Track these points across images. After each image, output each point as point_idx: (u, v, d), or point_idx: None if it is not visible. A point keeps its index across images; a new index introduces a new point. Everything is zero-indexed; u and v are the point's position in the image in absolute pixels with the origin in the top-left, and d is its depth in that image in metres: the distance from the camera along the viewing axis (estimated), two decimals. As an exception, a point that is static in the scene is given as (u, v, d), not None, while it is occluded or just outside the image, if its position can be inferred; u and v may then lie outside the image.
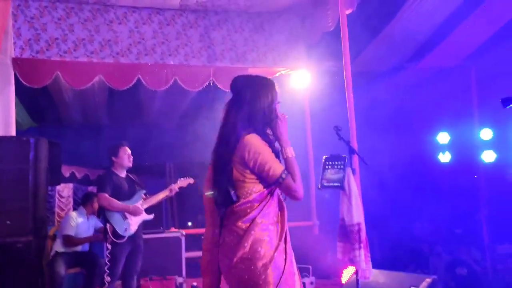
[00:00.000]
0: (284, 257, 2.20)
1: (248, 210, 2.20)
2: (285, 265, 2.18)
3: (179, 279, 5.49)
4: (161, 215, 5.88)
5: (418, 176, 8.10)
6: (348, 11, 5.70)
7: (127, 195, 4.43)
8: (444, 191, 8.20)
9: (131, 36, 6.10)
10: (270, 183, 2.20)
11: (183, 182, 4.82)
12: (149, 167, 9.23)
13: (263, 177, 2.20)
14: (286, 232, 2.27)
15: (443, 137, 7.83)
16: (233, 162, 2.22)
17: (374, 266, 4.30)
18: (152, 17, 6.20)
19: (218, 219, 2.29)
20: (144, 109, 8.70)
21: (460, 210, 8.82)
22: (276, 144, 2.30)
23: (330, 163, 4.24)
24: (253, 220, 2.18)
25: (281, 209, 2.29)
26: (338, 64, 5.76)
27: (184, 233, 5.94)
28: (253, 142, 2.20)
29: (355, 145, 5.07)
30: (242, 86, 2.32)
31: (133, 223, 4.37)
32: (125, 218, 4.33)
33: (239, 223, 2.19)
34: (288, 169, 2.24)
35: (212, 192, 2.28)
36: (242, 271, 2.14)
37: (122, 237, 4.26)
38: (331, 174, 4.21)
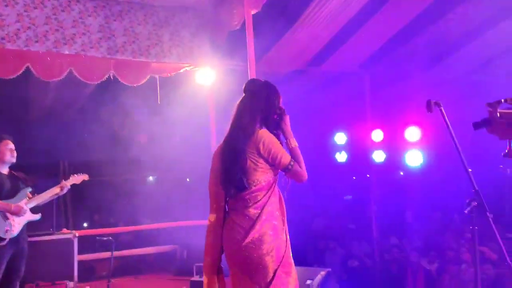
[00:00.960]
0: (285, 239, 2.59)
1: (259, 197, 2.54)
2: (286, 246, 2.57)
3: (70, 284, 5.14)
4: (52, 215, 5.46)
5: (318, 174, 8.48)
6: (253, 11, 5.75)
7: (9, 193, 4.05)
8: (340, 189, 8.66)
9: (20, 20, 5.58)
10: (281, 169, 2.60)
11: (76, 178, 4.52)
12: (41, 166, 8.56)
13: (275, 165, 2.58)
14: (285, 218, 2.66)
15: (340, 138, 8.28)
16: (247, 153, 2.53)
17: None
18: (45, 2, 5.72)
19: (222, 204, 2.63)
20: (36, 102, 8.04)
21: (354, 207, 9.42)
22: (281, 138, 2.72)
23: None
24: (263, 206, 2.53)
25: (279, 198, 2.68)
26: (243, 63, 5.81)
27: (77, 234, 5.56)
28: (267, 135, 2.58)
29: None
30: (259, 87, 2.74)
31: (16, 224, 4.00)
32: (6, 218, 3.95)
33: (251, 209, 2.53)
34: (294, 157, 2.64)
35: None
36: (252, 250, 2.48)
37: (2, 239, 3.88)
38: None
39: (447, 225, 8.16)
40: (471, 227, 2.98)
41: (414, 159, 7.44)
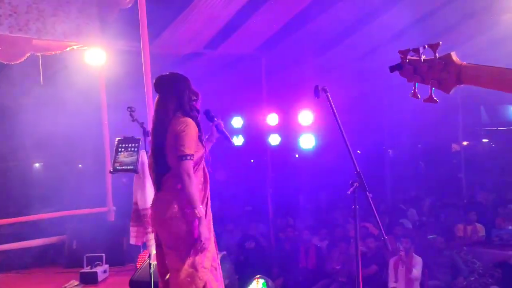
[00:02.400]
0: (205, 215, 2.85)
1: (179, 178, 2.77)
2: (205, 221, 2.83)
3: None
4: None
5: (214, 157, 8.49)
6: (146, -11, 5.50)
7: None
8: (239, 172, 8.76)
9: None
10: (175, 155, 2.80)
11: None
12: None
13: (176, 146, 2.79)
14: (208, 198, 2.97)
15: (237, 121, 8.35)
16: (168, 137, 2.83)
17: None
18: None
19: (156, 183, 2.94)
20: None
21: (251, 189, 9.62)
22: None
23: (124, 145, 4.08)
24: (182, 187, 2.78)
25: (205, 179, 3.00)
26: (137, 44, 5.55)
27: None
28: (184, 119, 2.86)
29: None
30: (165, 81, 3.00)
31: None
32: None
33: (171, 188, 2.84)
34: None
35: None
36: (172, 225, 2.80)
37: None
38: (124, 157, 4.05)
39: (336, 204, 8.70)
40: (353, 206, 3.19)
41: (307, 142, 7.77)
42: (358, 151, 11.17)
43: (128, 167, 3.98)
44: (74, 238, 5.96)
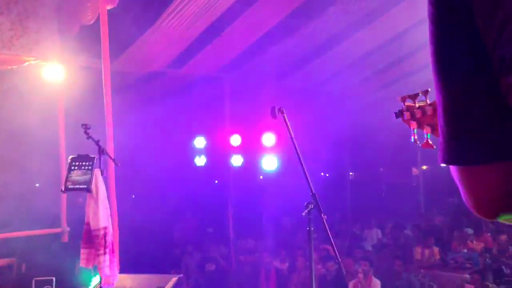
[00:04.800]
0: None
1: None
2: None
3: None
4: None
5: (178, 178, 8.38)
6: (109, 7, 5.45)
7: None
8: (200, 193, 8.66)
9: None
10: None
11: None
12: None
13: None
14: None
15: (199, 142, 8.29)
16: None
17: (124, 271, 4.19)
18: None
19: None
20: None
21: (213, 210, 9.51)
22: None
23: (77, 163, 3.94)
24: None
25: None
26: (97, 60, 5.46)
27: None
28: None
29: (111, 145, 4.87)
30: None
31: None
32: None
33: None
34: None
35: None
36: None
37: None
38: (77, 175, 3.91)
39: (297, 226, 8.70)
40: (307, 228, 3.18)
41: (270, 163, 7.78)
42: (323, 174, 11.32)
43: (81, 186, 3.85)
44: (23, 261, 5.70)
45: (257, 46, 7.11)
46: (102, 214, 3.86)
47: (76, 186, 3.88)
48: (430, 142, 1.46)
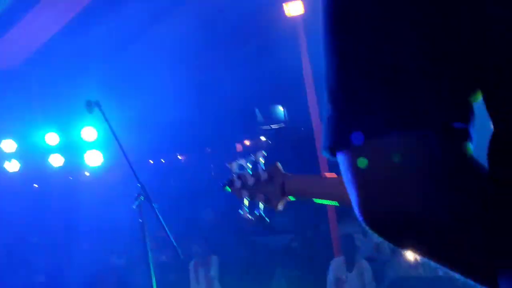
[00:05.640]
0: None
1: None
2: None
3: None
4: None
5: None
6: None
7: None
8: (13, 201, 7.77)
9: None
10: None
11: None
12: None
13: None
14: None
15: (8, 145, 7.34)
16: None
17: None
18: None
19: None
20: None
21: (38, 217, 8.60)
22: None
23: None
24: None
25: None
26: None
27: None
28: None
29: None
30: None
31: None
32: None
33: None
34: None
35: None
36: None
37: None
38: None
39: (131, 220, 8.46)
40: (140, 220, 3.15)
41: (95, 159, 7.36)
42: (151, 161, 11.12)
43: None
44: None
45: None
46: None
47: None
48: (265, 216, 1.33)
